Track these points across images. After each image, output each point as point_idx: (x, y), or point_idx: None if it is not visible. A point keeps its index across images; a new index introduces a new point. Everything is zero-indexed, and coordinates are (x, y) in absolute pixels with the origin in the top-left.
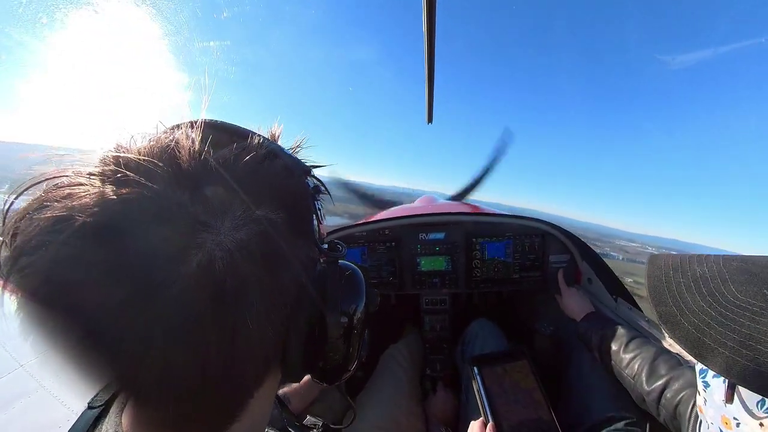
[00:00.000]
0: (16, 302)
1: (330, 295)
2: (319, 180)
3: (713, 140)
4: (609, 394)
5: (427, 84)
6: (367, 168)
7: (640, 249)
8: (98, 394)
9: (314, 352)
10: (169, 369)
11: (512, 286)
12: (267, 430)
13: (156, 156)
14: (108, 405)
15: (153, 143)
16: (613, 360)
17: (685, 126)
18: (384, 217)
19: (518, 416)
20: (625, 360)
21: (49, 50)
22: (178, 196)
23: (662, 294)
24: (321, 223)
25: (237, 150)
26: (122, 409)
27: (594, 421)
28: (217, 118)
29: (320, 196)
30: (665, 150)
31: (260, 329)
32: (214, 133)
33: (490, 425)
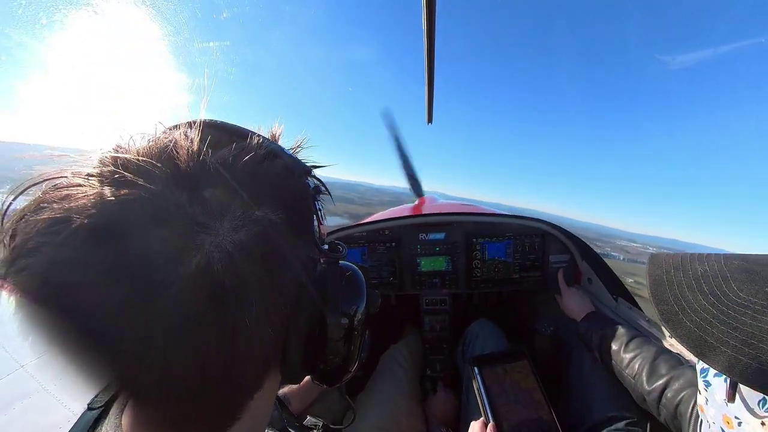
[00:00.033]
0: (15, 303)
1: (330, 296)
2: (320, 180)
3: (713, 140)
4: (609, 394)
5: (427, 84)
6: (367, 168)
7: (641, 249)
8: (98, 395)
9: (314, 353)
10: (169, 368)
11: (512, 286)
12: (267, 431)
13: (154, 157)
14: (108, 406)
15: (152, 144)
16: (614, 360)
17: (685, 126)
18: (384, 218)
19: (519, 416)
20: (626, 360)
21: (49, 51)
22: (177, 197)
23: (664, 293)
24: (321, 224)
25: (236, 150)
26: (122, 410)
27: (594, 421)
28: (217, 118)
29: (321, 197)
30: (665, 150)
31: (260, 329)
32: (214, 133)
33: (491, 425)
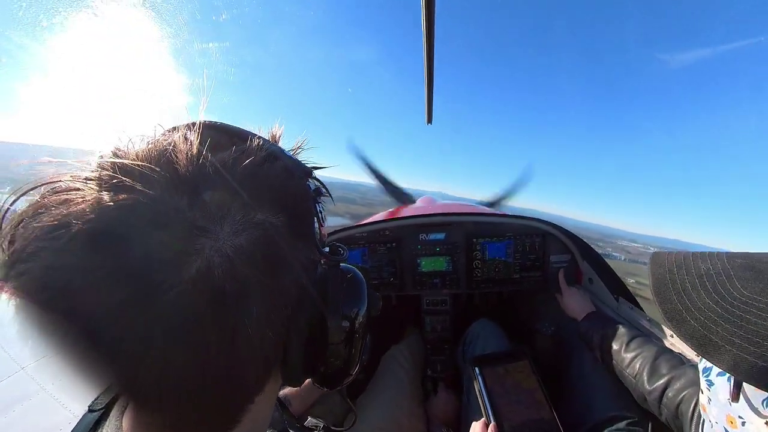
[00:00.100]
0: (15, 305)
1: (331, 299)
2: (321, 182)
3: (713, 140)
4: (610, 394)
5: (427, 84)
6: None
7: (642, 249)
8: (99, 398)
9: (315, 356)
10: (169, 369)
11: (513, 286)
12: None
13: (153, 160)
14: (108, 408)
15: (150, 147)
16: (615, 359)
17: (685, 125)
18: (384, 218)
19: (520, 416)
20: (627, 359)
21: (49, 53)
22: (176, 202)
23: (667, 292)
24: (322, 226)
25: (236, 153)
26: (123, 413)
27: (596, 421)
28: (217, 120)
29: (321, 198)
30: (665, 150)
31: (260, 331)
32: (213, 135)
33: (492, 426)
